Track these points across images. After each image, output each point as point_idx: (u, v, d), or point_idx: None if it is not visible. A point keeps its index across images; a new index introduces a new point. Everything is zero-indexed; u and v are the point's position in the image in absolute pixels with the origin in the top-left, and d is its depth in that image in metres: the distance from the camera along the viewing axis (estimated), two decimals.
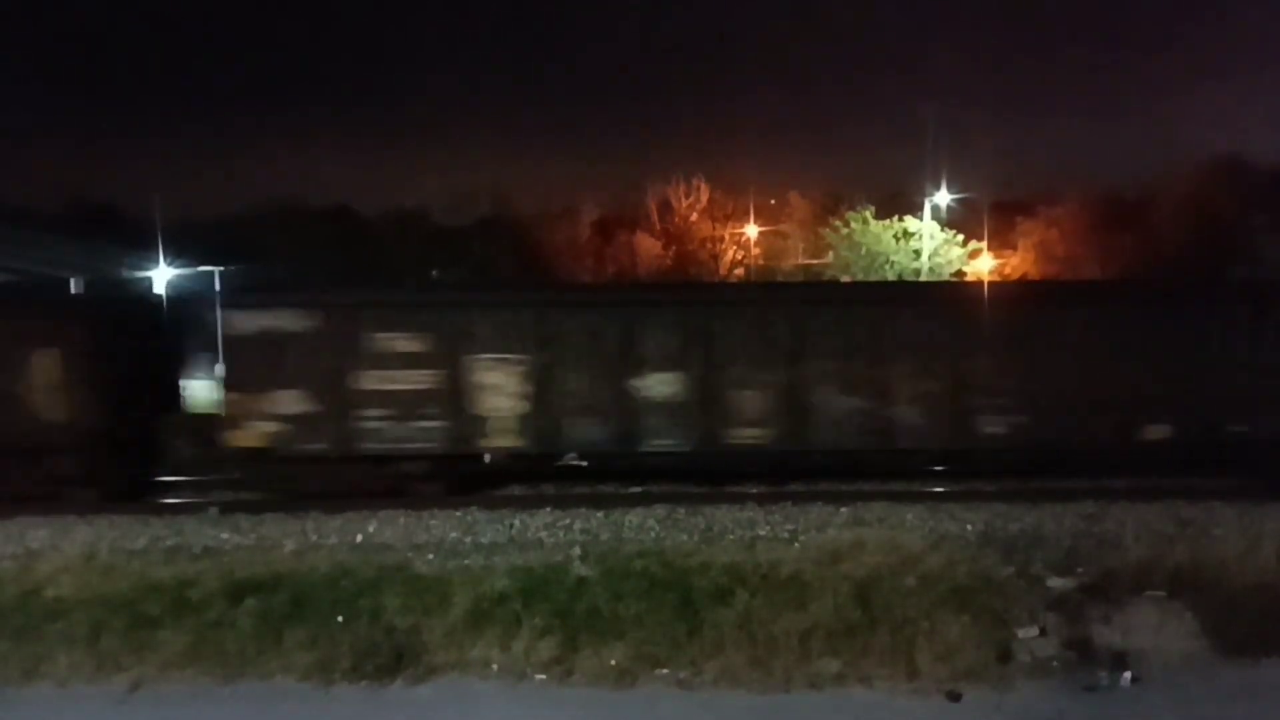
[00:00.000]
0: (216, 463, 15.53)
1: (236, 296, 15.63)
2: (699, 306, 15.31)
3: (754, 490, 15.52)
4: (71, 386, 14.83)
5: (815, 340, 14.95)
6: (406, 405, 14.75)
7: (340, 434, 14.78)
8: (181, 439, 16.22)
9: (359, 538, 13.71)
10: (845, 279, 41.03)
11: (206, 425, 15.59)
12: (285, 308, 14.76)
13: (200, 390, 17.56)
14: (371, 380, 14.70)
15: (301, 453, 14.79)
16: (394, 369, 14.69)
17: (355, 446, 14.84)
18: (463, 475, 15.49)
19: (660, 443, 15.02)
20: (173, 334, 17.24)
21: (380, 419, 14.77)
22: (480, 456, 15.48)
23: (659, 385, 14.93)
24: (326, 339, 14.68)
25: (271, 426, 14.70)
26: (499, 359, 14.81)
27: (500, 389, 14.83)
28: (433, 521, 14.23)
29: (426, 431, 14.82)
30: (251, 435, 14.72)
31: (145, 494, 15.76)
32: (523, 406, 14.88)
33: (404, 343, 14.72)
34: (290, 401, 14.68)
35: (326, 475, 14.91)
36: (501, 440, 14.99)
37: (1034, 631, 10.99)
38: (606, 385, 14.88)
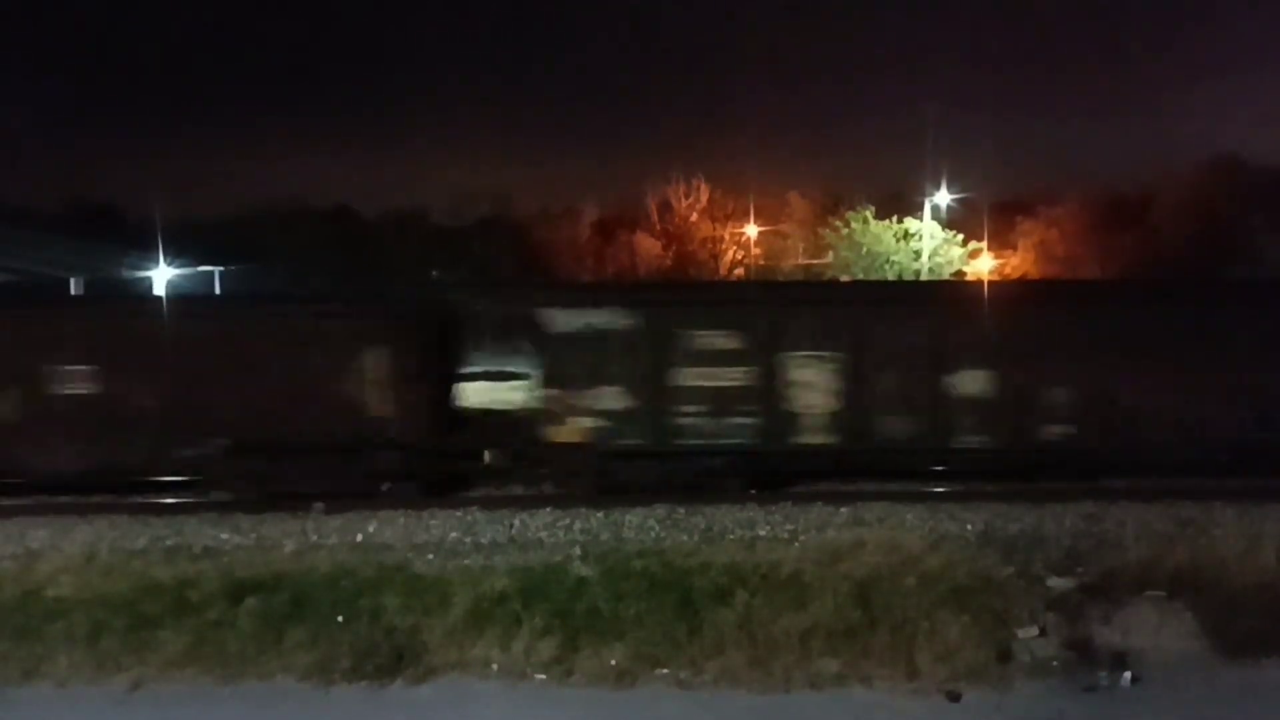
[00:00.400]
0: (533, 459, 15.74)
1: (557, 295, 15.83)
2: (1012, 304, 15.52)
3: (753, 490, 15.51)
4: (399, 384, 15.08)
5: (1129, 338, 14.93)
6: (721, 401, 14.97)
7: (657, 429, 15.04)
8: (486, 436, 16.33)
9: (359, 537, 13.70)
10: (845, 279, 41.08)
11: (521, 422, 15.72)
12: (607, 306, 15.08)
13: (479, 388, 17.61)
14: (689, 377, 14.95)
15: (619, 448, 15.02)
16: (711, 366, 14.94)
17: (671, 442, 15.06)
18: (768, 472, 15.56)
19: (970, 439, 15.13)
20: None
21: (696, 415, 15.00)
22: (791, 453, 15.48)
23: (970, 382, 15.03)
24: (646, 336, 14.97)
25: (591, 422, 14.96)
26: (813, 356, 14.99)
27: (813, 386, 15.00)
28: (433, 521, 14.22)
29: (740, 428, 15.03)
30: (572, 431, 14.99)
31: (457, 489, 15.86)
32: (835, 403, 15.02)
33: (721, 340, 14.98)
34: (611, 398, 14.96)
35: (636, 469, 15.10)
36: (813, 437, 15.12)
37: (1034, 631, 10.99)
38: (918, 382, 15.00)
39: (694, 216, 47.75)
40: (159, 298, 23.02)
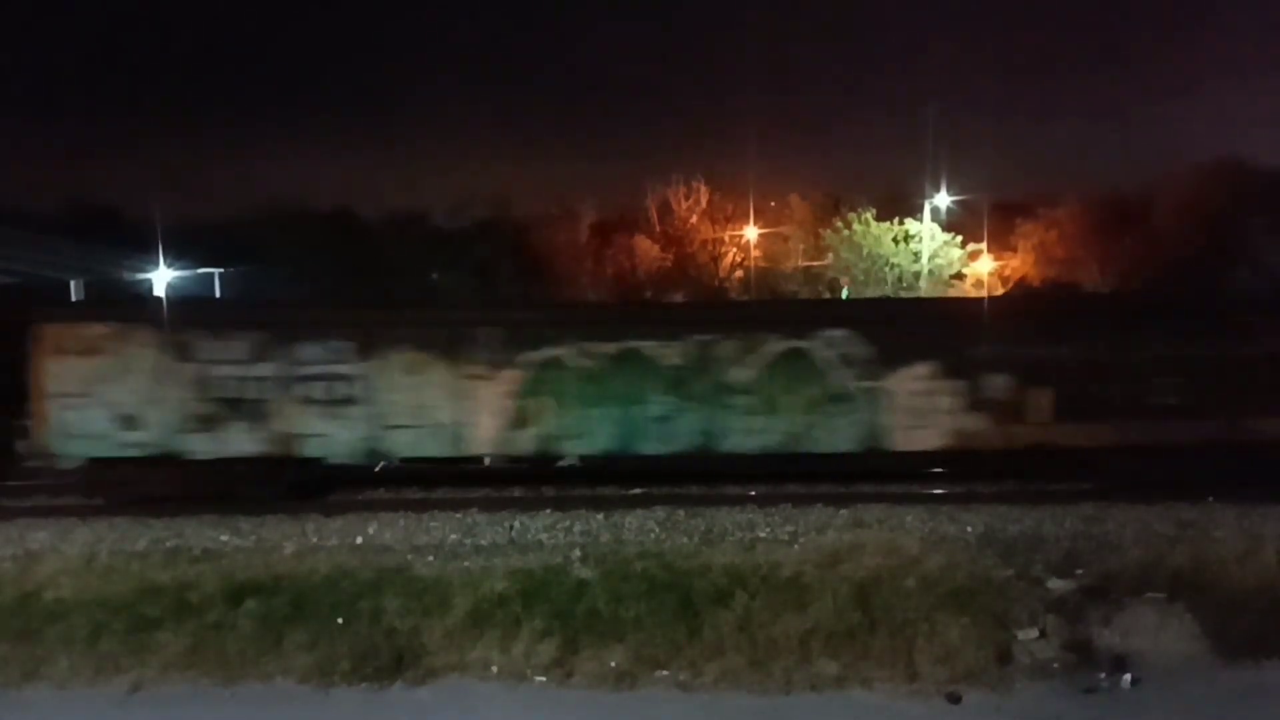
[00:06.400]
0: None
1: None
2: None
3: (753, 492, 15.51)
4: None
5: None
6: None
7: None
8: None
9: (359, 540, 13.70)
10: (844, 280, 41.08)
11: None
12: None
13: None
14: None
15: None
16: None
17: None
18: None
19: None
20: None
21: None
22: None
23: None
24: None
25: None
26: None
27: None
28: (433, 524, 14.22)
29: None
30: None
31: None
32: None
33: None
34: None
35: None
36: None
37: (1034, 633, 10.99)
38: None
39: (694, 219, 47.70)
40: None
